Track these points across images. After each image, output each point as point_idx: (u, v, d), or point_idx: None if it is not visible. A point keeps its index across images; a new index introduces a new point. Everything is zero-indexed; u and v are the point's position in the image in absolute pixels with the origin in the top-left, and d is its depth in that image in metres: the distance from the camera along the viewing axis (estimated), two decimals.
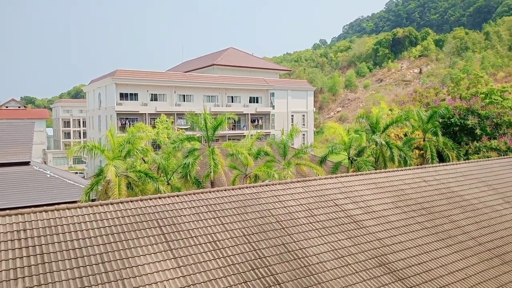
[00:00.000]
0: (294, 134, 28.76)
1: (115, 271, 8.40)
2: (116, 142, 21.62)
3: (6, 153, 25.47)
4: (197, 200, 11.35)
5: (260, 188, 12.68)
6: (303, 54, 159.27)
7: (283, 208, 11.88)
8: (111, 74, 54.45)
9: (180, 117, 55.47)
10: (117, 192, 18.93)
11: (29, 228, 9.06)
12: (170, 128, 38.95)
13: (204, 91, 60.70)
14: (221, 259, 9.38)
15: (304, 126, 69.52)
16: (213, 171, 23.36)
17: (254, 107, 64.89)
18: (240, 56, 77.77)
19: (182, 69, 77.42)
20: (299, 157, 27.77)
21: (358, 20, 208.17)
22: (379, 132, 29.74)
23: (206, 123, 24.99)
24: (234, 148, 25.19)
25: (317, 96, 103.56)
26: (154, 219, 10.21)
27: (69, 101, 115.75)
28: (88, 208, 10.11)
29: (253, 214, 11.28)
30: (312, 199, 12.74)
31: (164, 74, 63.21)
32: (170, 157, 25.24)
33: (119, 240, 9.26)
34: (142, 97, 55.54)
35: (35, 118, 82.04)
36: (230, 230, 10.45)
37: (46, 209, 9.72)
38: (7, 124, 32.89)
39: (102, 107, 57.72)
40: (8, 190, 23.05)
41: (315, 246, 10.55)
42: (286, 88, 69.24)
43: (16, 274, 7.85)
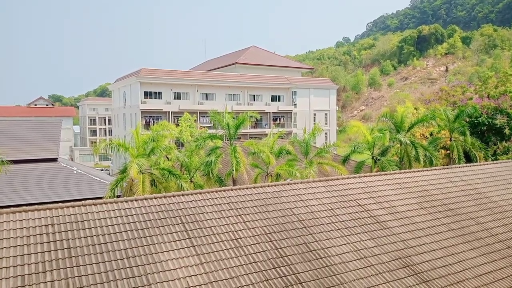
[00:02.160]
0: (316, 133, 28.57)
1: (139, 266, 8.55)
2: (140, 140, 21.99)
3: (34, 149, 26.27)
4: (219, 198, 11.43)
5: (282, 187, 12.65)
6: (325, 52, 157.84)
7: (305, 207, 11.82)
8: (135, 73, 55.36)
9: (203, 116, 55.92)
10: (141, 189, 19.26)
11: (57, 223, 9.32)
12: (193, 126, 39.38)
13: (226, 90, 60.99)
14: (243, 257, 9.42)
15: (327, 125, 68.94)
16: (235, 169, 23.48)
17: (276, 105, 64.77)
18: (262, 54, 77.73)
19: (205, 68, 78.00)
20: (321, 156, 27.57)
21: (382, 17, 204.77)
22: (403, 131, 29.21)
23: (228, 121, 25.13)
24: (255, 147, 25.23)
25: (340, 95, 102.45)
26: (177, 216, 10.34)
27: (95, 99, 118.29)
28: (113, 204, 10.32)
29: (275, 213, 11.28)
30: (334, 198, 12.63)
31: (187, 73, 63.85)
32: (192, 155, 25.50)
33: (143, 236, 9.42)
34: (165, 96, 56.26)
35: (62, 116, 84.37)
36: (252, 228, 10.48)
37: (73, 205, 9.98)
38: (36, 121, 33.90)
39: (127, 106, 58.77)
40: (36, 185, 23.78)
41: (338, 246, 10.46)
42: (308, 87, 68.79)
43: (45, 267, 8.10)
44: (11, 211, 9.37)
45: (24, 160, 24.69)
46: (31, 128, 28.37)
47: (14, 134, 26.71)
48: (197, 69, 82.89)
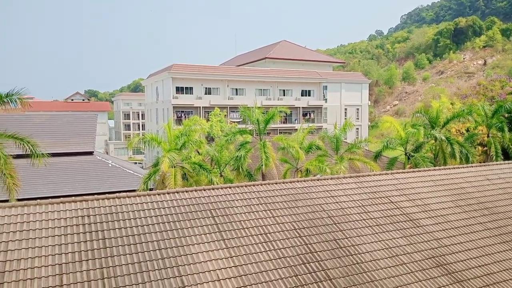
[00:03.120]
0: (347, 128, 28.15)
1: (170, 258, 8.75)
2: (172, 135, 22.39)
3: (71, 143, 27.25)
4: (248, 193, 11.50)
5: (311, 183, 12.58)
6: (358, 46, 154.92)
7: (335, 204, 11.72)
8: (167, 69, 56.30)
9: (233, 111, 56.24)
10: (173, 182, 19.64)
11: (92, 214, 9.66)
12: (223, 121, 39.67)
13: (256, 85, 61.02)
14: (272, 252, 9.45)
15: (358, 120, 67.81)
16: (265, 164, 23.53)
17: (306, 100, 64.25)
18: (292, 48, 77.19)
19: (235, 63, 78.29)
20: (352, 152, 27.18)
21: (417, 10, 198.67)
22: (439, 127, 28.39)
23: (258, 116, 25.17)
24: (285, 142, 25.18)
25: (372, 89, 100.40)
26: (208, 209, 10.49)
27: (129, 94, 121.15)
28: (146, 196, 10.59)
29: (304, 209, 11.23)
30: (365, 195, 12.45)
31: (218, 68, 64.30)
32: (222, 150, 25.75)
33: (175, 228, 9.62)
34: (196, 91, 56.94)
35: (98, 111, 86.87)
36: (281, 223, 10.49)
37: (108, 197, 10.30)
38: (73, 116, 35.13)
39: (160, 101, 59.90)
40: (73, 178, 24.68)
41: (368, 244, 10.32)
42: (339, 81, 67.80)
43: (81, 257, 8.42)
44: (49, 202, 9.78)
45: (62, 153, 25.65)
46: (68, 122, 29.41)
47: (52, 128, 27.77)
48: (227, 64, 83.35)
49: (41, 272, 7.91)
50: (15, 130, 17.09)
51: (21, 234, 8.72)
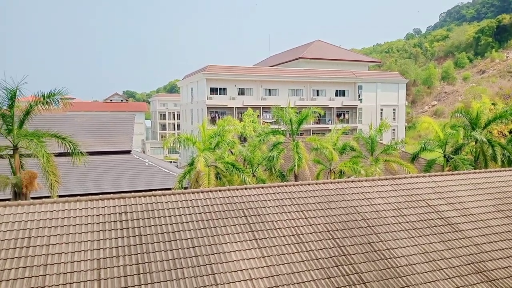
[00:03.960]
0: (383, 129, 27.59)
1: (204, 255, 8.88)
2: (206, 135, 22.71)
3: (110, 142, 28.16)
4: (281, 193, 11.48)
5: (345, 184, 12.41)
6: (394, 45, 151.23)
7: (370, 206, 11.50)
8: (202, 70, 57.12)
9: (266, 111, 56.32)
10: (206, 181, 19.91)
11: (130, 211, 9.95)
12: (256, 122, 39.82)
13: (289, 85, 60.82)
14: (305, 253, 9.40)
15: (395, 121, 66.19)
16: (297, 165, 23.42)
17: (340, 100, 63.38)
18: (327, 48, 76.38)
19: (269, 63, 78.36)
20: (388, 153, 26.60)
21: (457, 7, 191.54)
22: (479, 128, 27.29)
23: (291, 117, 25.09)
24: (318, 143, 24.96)
25: (409, 89, 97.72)
26: (240, 209, 10.56)
27: (165, 95, 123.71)
28: (181, 195, 10.79)
29: (338, 210, 11.09)
30: (401, 198, 12.15)
31: (251, 68, 64.59)
32: (255, 150, 25.84)
33: (208, 227, 9.75)
34: (230, 92, 57.45)
35: (135, 111, 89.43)
36: (314, 224, 10.40)
37: (145, 195, 10.58)
38: (111, 116, 36.31)
39: (194, 101, 60.88)
40: (112, 175, 25.50)
41: (404, 248, 10.06)
42: (375, 81, 66.45)
43: (118, 252, 8.69)
44: (89, 199, 10.15)
45: (101, 152, 26.56)
46: (107, 122, 30.41)
47: (92, 127, 28.81)
48: (261, 64, 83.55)
49: (80, 266, 8.23)
50: (57, 130, 17.84)
51: (62, 229, 9.11)
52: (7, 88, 16.15)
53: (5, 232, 8.79)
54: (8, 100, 16.35)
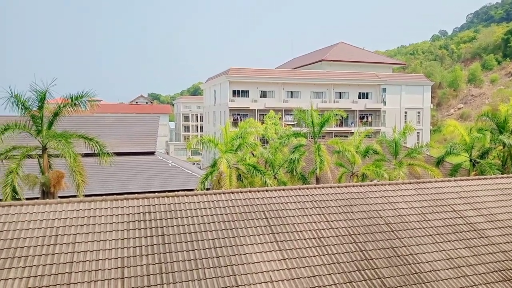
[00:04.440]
0: (407, 132, 27.11)
1: (225, 256, 8.94)
2: (228, 136, 22.87)
3: (135, 143, 28.69)
4: (302, 196, 11.46)
5: (368, 188, 12.27)
6: (420, 46, 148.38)
7: (393, 210, 11.34)
8: (225, 73, 57.56)
9: (288, 113, 56.25)
10: (228, 183, 20.04)
11: (153, 211, 10.12)
12: (278, 124, 39.83)
13: (312, 87, 60.55)
14: (326, 256, 9.34)
15: (419, 124, 64.98)
16: (319, 167, 23.29)
17: (364, 103, 62.64)
18: (350, 50, 75.69)
19: (291, 66, 78.24)
20: (412, 157, 26.12)
21: (485, 8, 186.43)
22: (507, 132, 26.49)
23: (313, 119, 24.98)
24: (341, 145, 24.77)
25: (435, 92, 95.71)
26: (262, 211, 10.59)
27: (189, 97, 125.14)
28: (203, 196, 10.92)
29: (360, 214, 10.99)
30: (426, 202, 11.92)
31: (273, 71, 64.65)
32: (277, 152, 25.84)
33: (229, 228, 9.82)
34: (252, 94, 57.66)
35: (159, 113, 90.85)
36: (335, 228, 10.33)
37: (168, 195, 10.75)
38: (137, 118, 37.01)
39: (217, 104, 61.39)
40: (136, 176, 25.97)
41: (428, 253, 9.87)
42: (399, 83, 65.40)
43: (141, 251, 8.85)
44: (114, 199, 10.39)
45: (126, 152, 27.06)
46: (132, 124, 31.02)
47: (118, 129, 29.42)
48: (283, 67, 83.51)
49: (104, 264, 8.42)
50: (84, 131, 18.31)
51: (88, 227, 9.35)
52: (37, 90, 16.70)
53: (34, 229, 9.09)
54: (38, 102, 16.89)
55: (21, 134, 16.85)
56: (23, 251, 8.48)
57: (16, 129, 16.39)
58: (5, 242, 8.65)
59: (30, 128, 16.93)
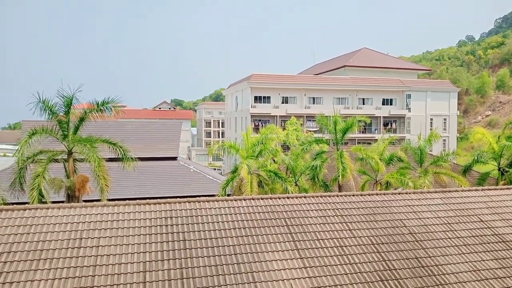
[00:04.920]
0: (433, 140, 26.50)
1: (245, 263, 8.90)
2: (250, 142, 22.88)
3: (157, 148, 29.09)
4: (324, 203, 11.32)
5: (392, 196, 12.04)
6: (445, 52, 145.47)
7: (418, 220, 11.07)
8: (247, 79, 57.80)
9: (309, 119, 55.95)
10: (249, 189, 20.02)
11: (175, 216, 10.20)
12: (299, 130, 39.64)
13: (334, 93, 60.07)
14: (348, 266, 9.18)
15: (445, 131, 63.46)
16: (341, 175, 23.00)
17: (388, 109, 61.68)
18: (373, 56, 74.84)
19: (313, 72, 77.93)
20: (438, 165, 25.50)
21: None
22: None
23: (335, 125, 24.73)
24: (364, 152, 24.41)
25: (461, 98, 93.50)
26: (282, 218, 10.52)
27: (211, 103, 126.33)
28: (224, 202, 10.93)
29: (384, 223, 10.77)
30: (452, 212, 11.60)
31: (295, 77, 64.51)
32: (298, 159, 25.65)
33: (250, 235, 9.79)
34: (274, 100, 57.65)
35: (182, 119, 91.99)
36: (358, 237, 10.16)
37: (189, 200, 10.82)
38: (160, 123, 37.54)
39: (239, 109, 61.66)
40: (158, 181, 26.29)
41: (454, 264, 9.58)
42: (424, 89, 64.14)
43: (163, 256, 8.91)
44: (137, 203, 10.52)
45: (149, 158, 27.46)
46: (156, 129, 31.47)
47: (141, 134, 29.91)
48: (305, 73, 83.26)
49: (127, 268, 8.51)
50: (109, 136, 18.67)
51: (111, 231, 9.49)
52: (64, 96, 17.15)
53: (59, 232, 9.28)
54: (65, 107, 17.34)
55: (48, 138, 17.29)
56: (49, 253, 8.67)
57: (43, 133, 16.83)
58: (32, 244, 8.86)
59: (57, 133, 17.37)
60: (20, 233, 9.11)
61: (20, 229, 9.25)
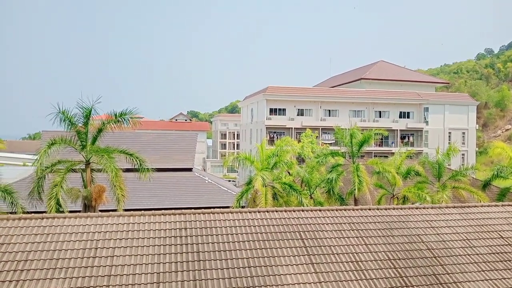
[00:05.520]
0: (452, 154, 26.01)
1: (259, 276, 8.82)
2: (264, 154, 22.85)
3: (173, 160, 29.28)
4: (340, 217, 11.19)
5: (409, 211, 11.83)
6: (464, 65, 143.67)
7: (436, 235, 10.83)
8: (262, 91, 58.04)
9: (325, 132, 55.67)
10: (263, 201, 19.92)
11: (189, 228, 10.21)
12: (315, 143, 39.40)
13: (350, 106, 59.76)
14: (364, 281, 9.01)
15: (464, 145, 62.33)
16: (357, 188, 22.71)
17: (405, 122, 60.99)
18: (390, 69, 74.39)
19: (329, 84, 77.82)
20: (456, 179, 24.99)
21: None
22: None
23: (351, 138, 24.52)
24: (380, 166, 24.09)
25: (480, 112, 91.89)
26: (297, 231, 10.42)
27: (226, 115, 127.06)
28: (238, 214, 10.90)
29: (400, 238, 10.57)
30: (471, 228, 11.32)
31: (310, 89, 64.49)
32: (313, 171, 25.46)
33: (264, 248, 9.71)
34: (289, 112, 57.67)
35: (198, 130, 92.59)
36: (374, 252, 9.98)
37: (204, 212, 10.83)
38: (175, 135, 37.85)
39: (254, 121, 61.83)
40: (173, 192, 26.41)
41: (473, 282, 9.31)
42: (442, 103, 63.30)
43: (177, 267, 8.90)
44: (152, 214, 10.58)
45: (164, 168, 27.65)
46: (171, 141, 31.73)
47: (157, 145, 30.19)
48: (321, 85, 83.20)
49: (141, 279, 8.53)
50: (126, 146, 18.90)
51: (126, 241, 9.54)
52: (83, 107, 17.48)
53: (75, 242, 9.38)
54: (84, 118, 17.66)
55: (66, 148, 17.59)
56: (64, 262, 8.75)
57: (62, 144, 17.13)
58: (48, 253, 8.97)
59: (75, 143, 17.66)
60: (37, 242, 9.24)
61: (37, 237, 9.38)
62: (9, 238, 9.26)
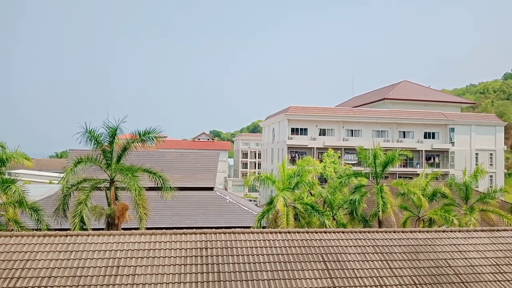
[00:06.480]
0: (479, 175, 25.24)
1: None
2: (286, 174, 22.73)
3: (195, 178, 29.46)
4: (363, 239, 10.94)
5: (435, 234, 11.47)
6: (490, 85, 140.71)
7: (463, 260, 10.43)
8: (284, 111, 58.24)
9: (347, 152, 55.14)
10: (285, 222, 19.72)
11: (210, 247, 10.16)
12: (337, 163, 38.98)
13: (373, 126, 59.15)
14: None
15: (492, 167, 60.47)
16: (382, 210, 22.24)
17: (430, 143, 59.81)
18: (414, 89, 73.52)
19: (352, 104, 77.42)
20: (485, 202, 24.17)
21: None
22: None
23: (375, 159, 24.17)
24: (405, 187, 23.57)
25: (509, 133, 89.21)
26: (319, 253, 10.23)
27: (248, 135, 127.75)
28: (259, 234, 10.80)
29: (426, 262, 10.22)
30: (501, 252, 10.86)
31: (333, 109, 64.28)
32: (336, 192, 25.13)
33: (285, 269, 9.56)
34: (311, 132, 57.51)
35: (220, 149, 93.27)
36: (399, 276, 9.67)
37: (225, 231, 10.79)
38: (198, 154, 38.18)
39: (275, 141, 61.87)
40: (195, 211, 26.46)
41: None
42: (469, 123, 61.91)
43: (197, 287, 8.83)
44: (173, 233, 10.60)
45: (186, 187, 27.83)
46: (194, 159, 32.02)
47: (180, 164, 30.50)
48: (343, 105, 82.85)
49: None
50: (149, 165, 19.16)
51: (148, 260, 9.56)
52: (109, 126, 17.91)
53: (97, 259, 9.47)
54: (109, 137, 18.07)
55: (92, 167, 17.97)
56: (87, 279, 8.83)
57: (88, 162, 17.53)
58: (71, 270, 9.07)
59: (101, 161, 18.03)
60: (60, 259, 9.37)
61: (61, 254, 9.52)
62: (34, 254, 9.43)
